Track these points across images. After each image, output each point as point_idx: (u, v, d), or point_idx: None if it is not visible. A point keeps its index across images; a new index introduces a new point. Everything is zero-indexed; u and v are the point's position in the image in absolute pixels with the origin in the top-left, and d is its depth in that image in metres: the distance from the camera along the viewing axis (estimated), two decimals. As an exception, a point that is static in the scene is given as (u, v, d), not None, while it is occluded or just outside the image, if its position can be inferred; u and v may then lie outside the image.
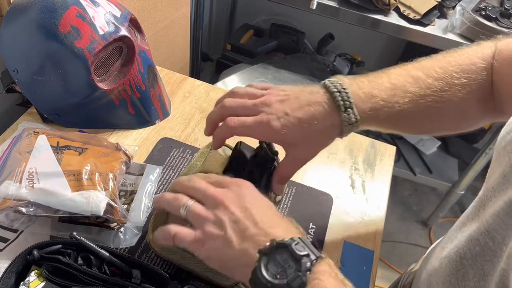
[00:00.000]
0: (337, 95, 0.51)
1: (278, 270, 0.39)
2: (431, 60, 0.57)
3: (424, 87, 0.54)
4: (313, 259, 0.39)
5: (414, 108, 0.54)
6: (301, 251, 0.39)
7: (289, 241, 0.39)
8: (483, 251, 0.45)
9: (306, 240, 0.41)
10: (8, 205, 0.53)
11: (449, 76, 0.55)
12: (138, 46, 0.73)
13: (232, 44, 1.77)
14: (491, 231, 0.44)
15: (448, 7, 1.40)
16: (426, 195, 2.05)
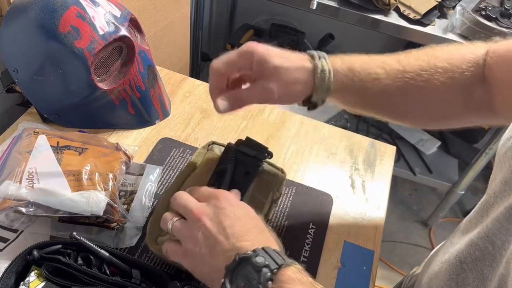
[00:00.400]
0: (312, 51, 0.55)
1: (243, 284, 0.40)
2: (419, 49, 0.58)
3: (403, 63, 0.55)
4: (273, 268, 0.39)
5: (390, 81, 0.55)
6: (260, 262, 0.39)
7: (251, 253, 0.40)
8: (483, 256, 0.45)
9: (269, 248, 0.41)
10: (8, 205, 0.53)
11: (431, 57, 0.55)
12: (138, 46, 0.73)
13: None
14: (491, 236, 0.44)
15: (448, 7, 1.40)
16: (426, 195, 2.05)
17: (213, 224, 0.45)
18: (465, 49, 0.57)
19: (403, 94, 0.56)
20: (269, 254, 0.41)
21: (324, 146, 0.81)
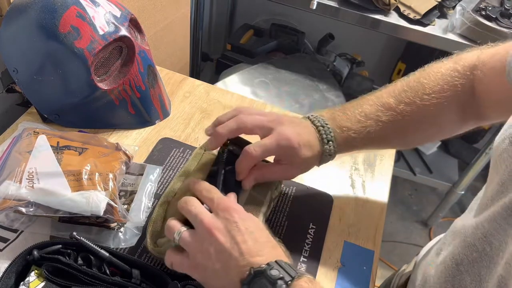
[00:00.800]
0: (321, 129, 0.59)
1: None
2: (405, 80, 0.62)
3: (395, 113, 0.59)
4: (287, 280, 0.41)
5: (387, 131, 0.60)
6: (275, 275, 0.41)
7: (265, 267, 0.42)
8: (481, 257, 0.45)
9: (282, 262, 0.43)
10: (8, 205, 0.53)
11: (420, 93, 0.59)
12: (138, 46, 0.73)
13: (232, 44, 1.77)
14: (488, 236, 0.44)
15: (448, 7, 1.40)
16: (426, 195, 2.05)
17: (226, 240, 0.45)
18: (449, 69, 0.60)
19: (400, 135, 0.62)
20: (283, 267, 0.43)
21: (324, 146, 0.81)
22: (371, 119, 0.60)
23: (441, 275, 0.51)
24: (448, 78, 0.59)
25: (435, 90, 0.58)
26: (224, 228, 0.46)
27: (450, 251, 0.51)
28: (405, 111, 0.59)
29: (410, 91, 0.59)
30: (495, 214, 0.43)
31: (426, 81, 0.59)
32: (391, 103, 0.60)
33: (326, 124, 0.59)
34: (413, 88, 0.60)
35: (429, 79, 0.59)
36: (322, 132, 0.59)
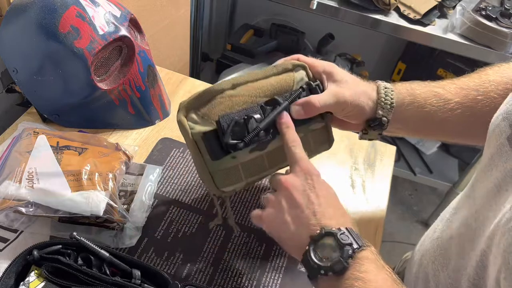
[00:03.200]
0: (380, 83, 0.59)
1: (325, 254, 0.44)
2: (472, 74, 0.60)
3: (459, 83, 0.59)
4: (355, 248, 0.44)
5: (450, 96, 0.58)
6: (345, 240, 0.44)
7: (336, 231, 0.45)
8: (467, 231, 0.47)
9: (352, 230, 0.45)
10: (8, 205, 0.53)
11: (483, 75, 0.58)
12: (138, 46, 0.72)
13: (232, 44, 1.77)
14: (478, 211, 0.46)
15: (448, 7, 1.40)
16: (426, 195, 2.05)
17: (301, 198, 0.48)
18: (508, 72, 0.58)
19: (465, 110, 0.58)
20: (352, 235, 0.45)
21: (324, 146, 0.81)
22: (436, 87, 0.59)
23: (437, 249, 0.54)
24: None
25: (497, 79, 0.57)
26: (301, 187, 0.49)
27: (447, 226, 0.53)
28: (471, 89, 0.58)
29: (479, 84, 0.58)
30: (487, 190, 0.45)
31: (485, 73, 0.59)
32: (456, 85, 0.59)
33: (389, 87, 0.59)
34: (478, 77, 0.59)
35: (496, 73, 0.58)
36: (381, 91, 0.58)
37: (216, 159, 0.53)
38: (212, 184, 0.54)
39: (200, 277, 0.58)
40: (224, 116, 0.52)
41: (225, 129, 0.52)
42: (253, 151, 0.54)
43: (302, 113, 0.56)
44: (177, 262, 0.59)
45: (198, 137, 0.52)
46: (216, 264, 0.60)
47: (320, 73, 0.59)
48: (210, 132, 0.52)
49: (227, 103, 0.53)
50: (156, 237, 0.61)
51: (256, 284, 0.58)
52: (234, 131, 0.52)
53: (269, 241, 0.63)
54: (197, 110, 0.53)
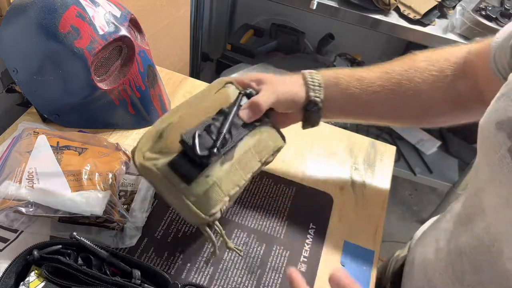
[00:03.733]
0: (305, 71, 0.63)
1: None
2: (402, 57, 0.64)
3: (385, 68, 0.63)
4: None
5: (376, 81, 0.62)
6: None
7: None
8: (480, 246, 0.46)
9: None
10: (8, 205, 0.53)
11: (412, 61, 0.62)
12: (138, 46, 0.72)
13: (232, 44, 1.77)
14: (490, 227, 0.45)
15: (448, 7, 1.40)
16: (426, 195, 2.05)
17: None
18: (445, 52, 0.63)
19: (388, 93, 0.62)
20: None
21: (324, 146, 0.81)
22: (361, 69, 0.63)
23: (443, 261, 0.52)
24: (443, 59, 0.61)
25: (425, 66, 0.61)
26: None
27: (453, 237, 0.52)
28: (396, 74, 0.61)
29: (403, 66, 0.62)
30: (496, 203, 0.44)
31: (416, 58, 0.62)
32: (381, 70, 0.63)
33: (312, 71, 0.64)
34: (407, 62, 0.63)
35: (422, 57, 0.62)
36: (307, 77, 0.62)
37: (191, 180, 0.50)
38: (197, 213, 0.51)
39: (200, 277, 0.58)
40: (186, 134, 0.51)
41: (191, 143, 0.51)
42: (224, 163, 0.53)
43: (251, 114, 0.58)
44: (177, 262, 0.59)
45: (165, 168, 0.51)
46: (216, 264, 0.60)
47: (248, 83, 0.62)
48: (175, 158, 0.51)
49: (178, 130, 0.52)
50: (156, 237, 0.61)
51: (256, 284, 0.58)
52: (201, 143, 0.51)
53: (269, 241, 0.63)
54: (152, 148, 0.52)
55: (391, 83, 0.61)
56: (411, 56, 0.63)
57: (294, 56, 1.69)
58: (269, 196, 0.69)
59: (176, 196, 0.51)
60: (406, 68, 0.61)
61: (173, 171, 0.51)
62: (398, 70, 0.62)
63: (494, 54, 0.55)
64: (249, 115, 0.58)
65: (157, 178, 0.51)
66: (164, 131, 0.53)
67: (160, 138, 0.53)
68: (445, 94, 0.61)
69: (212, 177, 0.51)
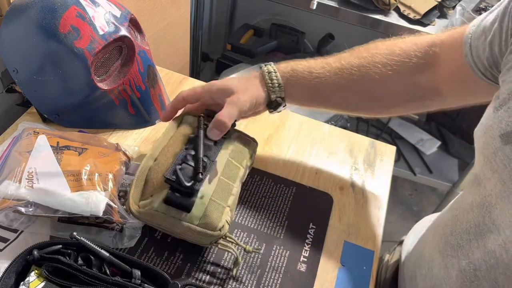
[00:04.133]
0: (261, 64, 0.65)
1: None
2: (362, 46, 0.65)
3: (344, 62, 0.63)
4: None
5: (331, 78, 0.63)
6: None
7: None
8: (498, 264, 0.44)
9: None
10: (8, 205, 0.53)
11: (370, 55, 0.63)
12: (138, 46, 0.73)
13: (232, 44, 1.77)
14: (507, 243, 0.43)
15: (448, 7, 1.40)
16: (426, 195, 2.05)
17: None
18: (407, 42, 0.63)
19: (344, 89, 0.64)
20: None
21: (324, 146, 0.81)
22: (320, 62, 0.65)
23: (457, 279, 0.50)
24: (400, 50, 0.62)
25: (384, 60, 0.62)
26: None
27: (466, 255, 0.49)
28: (353, 62, 0.63)
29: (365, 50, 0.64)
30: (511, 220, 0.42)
31: (377, 51, 0.63)
32: (343, 55, 0.64)
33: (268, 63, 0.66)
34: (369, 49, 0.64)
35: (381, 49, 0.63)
36: (261, 64, 0.65)
37: (190, 208, 0.55)
38: (207, 233, 0.55)
39: (200, 277, 0.58)
40: (167, 173, 0.56)
41: (176, 179, 0.55)
42: (211, 181, 0.58)
43: (218, 133, 0.61)
44: (177, 262, 0.59)
45: (162, 206, 0.55)
46: (217, 264, 0.60)
47: (211, 98, 0.64)
48: (168, 194, 0.55)
49: (159, 171, 0.57)
50: (156, 237, 0.61)
51: (256, 284, 0.58)
52: (184, 174, 0.56)
53: (269, 241, 0.63)
54: (143, 195, 0.57)
55: (347, 80, 0.63)
56: (371, 48, 0.64)
57: (294, 56, 1.69)
58: (269, 196, 0.69)
59: (182, 226, 0.55)
60: (364, 63, 0.62)
61: (169, 206, 0.55)
62: (356, 65, 0.62)
63: (470, 46, 0.55)
64: (217, 134, 0.61)
65: (158, 218, 0.55)
66: (147, 176, 0.58)
67: (146, 184, 0.57)
68: (402, 87, 0.63)
69: (206, 196, 0.56)
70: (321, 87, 0.64)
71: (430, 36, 0.62)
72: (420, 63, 0.61)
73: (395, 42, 0.64)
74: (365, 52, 0.63)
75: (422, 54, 0.61)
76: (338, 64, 0.63)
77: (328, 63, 0.64)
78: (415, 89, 0.63)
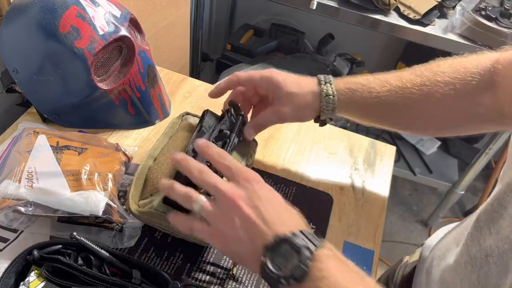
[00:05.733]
0: (320, 76, 0.63)
1: (283, 262, 0.42)
2: (423, 64, 0.63)
3: (404, 81, 0.61)
4: (312, 249, 0.42)
5: (391, 97, 0.60)
6: (300, 243, 0.42)
7: (290, 235, 0.43)
8: (511, 248, 0.44)
9: (306, 231, 0.44)
10: (7, 204, 0.53)
11: (432, 74, 0.60)
12: (138, 46, 0.72)
13: (232, 44, 1.77)
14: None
15: (448, 7, 1.39)
16: (426, 195, 2.05)
17: (250, 209, 0.46)
18: (470, 61, 0.60)
19: (403, 108, 0.62)
20: (307, 236, 0.43)
21: (324, 146, 0.81)
22: (378, 79, 0.62)
23: (466, 265, 0.50)
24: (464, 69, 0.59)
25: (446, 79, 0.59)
26: (247, 198, 0.46)
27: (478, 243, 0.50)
28: (414, 80, 0.60)
29: (426, 69, 0.61)
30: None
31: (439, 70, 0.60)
32: (404, 73, 0.62)
33: (328, 76, 0.63)
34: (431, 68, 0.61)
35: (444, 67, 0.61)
36: (320, 78, 0.63)
37: None
38: None
39: (200, 277, 0.58)
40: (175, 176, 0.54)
41: None
42: None
43: (255, 133, 0.63)
44: (177, 262, 0.59)
45: (162, 205, 0.55)
46: (217, 264, 0.60)
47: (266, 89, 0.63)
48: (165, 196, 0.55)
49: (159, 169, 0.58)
50: (156, 237, 0.61)
51: (256, 284, 0.58)
52: None
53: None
54: (142, 195, 0.57)
55: (407, 99, 0.60)
56: (433, 66, 0.62)
57: (294, 56, 1.70)
58: (269, 196, 0.69)
59: None
60: (426, 82, 0.60)
61: (168, 206, 0.55)
62: (418, 84, 0.60)
63: None
64: (254, 134, 0.63)
65: (158, 216, 0.55)
66: (147, 175, 0.58)
67: (146, 183, 0.58)
68: (465, 107, 0.60)
69: None
70: (378, 107, 0.62)
71: (493, 54, 0.60)
72: (483, 82, 0.58)
73: (458, 61, 0.61)
74: (426, 71, 0.61)
75: (485, 72, 0.58)
76: (399, 83, 0.61)
77: (388, 82, 0.62)
78: (476, 109, 0.60)
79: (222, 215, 0.47)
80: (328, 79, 0.63)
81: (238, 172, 0.49)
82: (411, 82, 0.61)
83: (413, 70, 0.62)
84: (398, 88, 0.61)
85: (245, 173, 0.49)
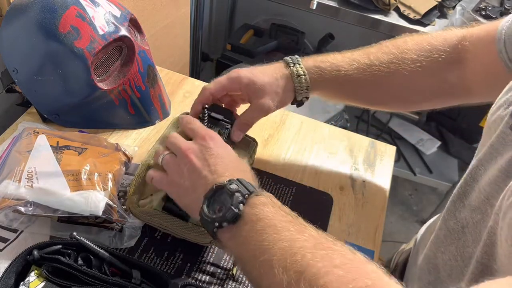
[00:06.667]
0: (287, 58, 0.64)
1: (218, 207, 0.45)
2: (390, 41, 0.65)
3: (372, 58, 0.63)
4: (245, 193, 0.44)
5: (360, 75, 0.62)
6: (233, 188, 0.45)
7: (226, 182, 0.46)
8: (483, 218, 0.46)
9: (244, 180, 0.46)
10: (7, 204, 0.53)
11: (399, 51, 0.62)
12: (138, 46, 0.72)
13: (232, 44, 1.77)
14: (490, 198, 0.46)
15: (448, 7, 1.40)
16: (426, 195, 2.05)
17: (199, 161, 0.50)
18: (436, 38, 0.62)
19: (372, 85, 0.64)
20: (242, 183, 0.46)
21: (324, 146, 0.81)
22: (347, 58, 0.64)
23: (445, 238, 0.53)
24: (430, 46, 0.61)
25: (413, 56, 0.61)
26: (199, 152, 0.51)
27: (454, 216, 0.52)
28: (382, 58, 0.62)
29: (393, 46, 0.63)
30: (494, 177, 0.45)
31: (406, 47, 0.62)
32: (371, 50, 0.64)
33: (295, 57, 0.65)
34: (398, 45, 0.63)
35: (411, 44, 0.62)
36: (288, 60, 0.64)
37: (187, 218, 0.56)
38: None
39: (200, 277, 0.58)
40: None
41: None
42: None
43: (241, 134, 0.64)
44: (177, 262, 0.59)
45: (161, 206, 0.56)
46: (216, 264, 0.60)
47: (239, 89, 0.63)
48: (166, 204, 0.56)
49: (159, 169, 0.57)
50: (156, 237, 0.61)
51: (256, 284, 0.58)
52: None
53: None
54: (142, 195, 0.58)
55: (376, 77, 0.62)
56: (400, 43, 0.63)
57: (294, 56, 1.69)
58: (269, 196, 0.69)
59: (181, 224, 0.55)
60: (393, 60, 0.62)
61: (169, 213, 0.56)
62: (385, 62, 0.62)
63: (504, 43, 0.54)
64: (240, 135, 0.63)
65: (158, 216, 0.56)
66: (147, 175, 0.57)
67: (146, 183, 0.58)
68: (431, 83, 0.62)
69: None
70: (348, 84, 0.64)
71: (460, 30, 0.62)
72: (450, 59, 0.60)
73: (424, 38, 0.63)
74: (393, 48, 0.63)
75: (451, 49, 0.60)
76: (367, 61, 0.63)
77: (356, 59, 0.63)
78: (443, 85, 0.62)
79: (174, 164, 0.52)
80: (296, 60, 0.64)
81: (197, 132, 0.54)
82: (379, 59, 0.62)
83: (380, 47, 0.64)
84: (366, 65, 0.63)
85: (202, 132, 0.53)
